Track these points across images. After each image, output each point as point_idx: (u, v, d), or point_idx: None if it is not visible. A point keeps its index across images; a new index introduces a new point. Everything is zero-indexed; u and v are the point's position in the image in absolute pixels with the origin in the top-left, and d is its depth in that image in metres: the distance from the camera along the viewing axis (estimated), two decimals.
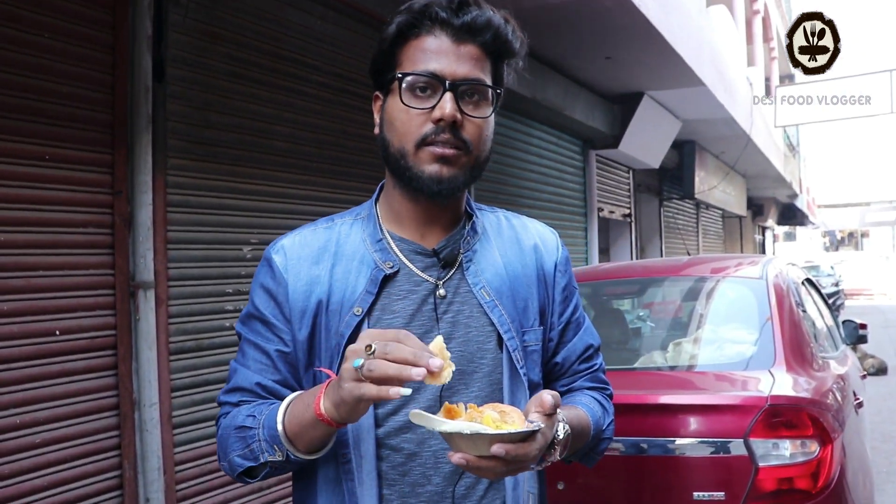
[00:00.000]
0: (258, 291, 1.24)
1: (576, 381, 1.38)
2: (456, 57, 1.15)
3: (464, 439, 0.96)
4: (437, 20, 1.15)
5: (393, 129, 1.18)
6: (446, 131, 1.14)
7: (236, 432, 1.16)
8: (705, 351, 3.06)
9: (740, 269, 3.62)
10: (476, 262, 1.25)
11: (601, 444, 1.34)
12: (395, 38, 1.18)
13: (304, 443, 1.10)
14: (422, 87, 1.15)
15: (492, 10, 1.18)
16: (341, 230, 1.26)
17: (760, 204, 22.30)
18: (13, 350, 2.78)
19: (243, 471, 1.17)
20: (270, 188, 3.95)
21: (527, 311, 1.27)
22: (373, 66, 1.23)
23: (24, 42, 2.83)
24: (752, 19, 15.27)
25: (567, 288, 1.36)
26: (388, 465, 1.17)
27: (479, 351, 1.22)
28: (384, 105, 1.21)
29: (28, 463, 2.79)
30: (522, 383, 1.23)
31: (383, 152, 1.21)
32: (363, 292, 1.19)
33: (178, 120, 3.47)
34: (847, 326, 4.35)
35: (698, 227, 14.98)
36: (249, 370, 1.22)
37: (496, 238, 1.31)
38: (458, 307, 1.22)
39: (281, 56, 4.03)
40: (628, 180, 10.59)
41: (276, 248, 1.26)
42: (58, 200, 2.95)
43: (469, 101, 1.16)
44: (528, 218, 1.41)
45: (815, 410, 2.44)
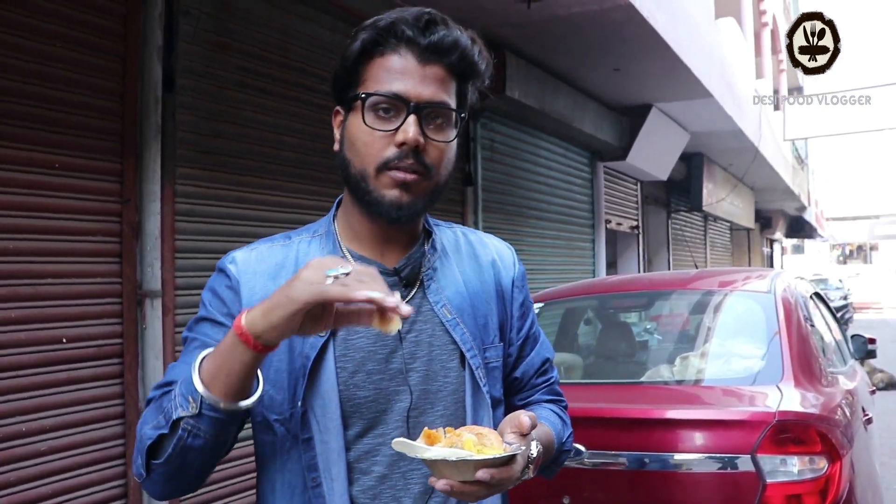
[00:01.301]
0: (210, 297, 1.18)
1: (533, 395, 1.38)
2: (421, 78, 1.12)
3: (448, 466, 0.97)
4: (403, 39, 1.12)
5: (354, 149, 1.14)
6: (409, 156, 1.11)
7: (155, 404, 1.08)
8: (712, 365, 3.04)
9: (748, 282, 3.60)
10: (437, 280, 1.24)
11: (561, 456, 1.35)
12: (359, 54, 1.13)
13: (220, 382, 0.99)
14: (385, 107, 1.12)
15: (459, 29, 1.15)
16: (300, 248, 1.23)
17: (769, 216, 22.24)
18: (20, 357, 2.78)
19: (150, 447, 1.04)
20: (278, 198, 3.96)
21: (487, 328, 1.27)
22: (335, 82, 1.18)
23: (36, 52, 2.86)
24: (761, 31, 15.28)
25: (524, 303, 1.36)
26: (358, 489, 1.15)
27: (442, 370, 1.20)
28: (345, 122, 1.17)
29: (34, 471, 2.79)
30: (485, 400, 1.22)
31: (343, 172, 1.18)
32: None
33: (187, 130, 3.48)
34: (856, 341, 4.32)
35: (706, 240, 14.95)
36: (188, 365, 1.09)
37: (455, 255, 1.30)
38: (420, 326, 1.20)
39: (290, 66, 4.05)
40: (636, 192, 10.58)
41: (230, 258, 1.21)
42: (66, 209, 2.97)
43: (433, 123, 1.13)
44: (485, 233, 1.40)
45: (824, 426, 2.42)
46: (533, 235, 7.38)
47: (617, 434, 2.53)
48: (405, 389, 1.17)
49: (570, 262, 8.28)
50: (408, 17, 1.12)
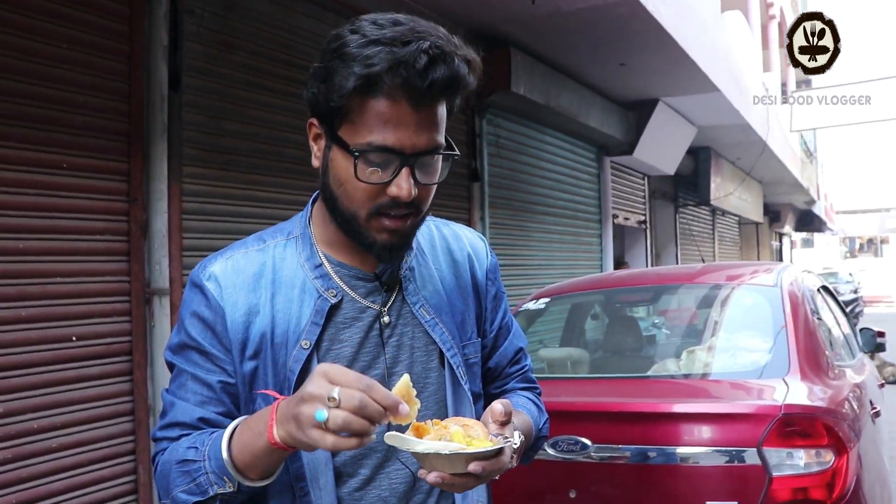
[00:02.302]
0: (191, 320, 1.15)
1: (507, 384, 1.39)
2: (416, 126, 1.05)
3: (440, 459, 0.97)
4: (398, 82, 1.02)
5: (342, 189, 1.10)
6: (401, 206, 1.08)
7: (178, 466, 1.08)
8: (719, 359, 3.04)
9: (755, 276, 3.60)
10: (414, 280, 1.23)
11: (539, 442, 1.36)
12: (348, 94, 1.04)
13: (257, 471, 1.04)
14: (377, 160, 1.06)
15: (456, 54, 1.06)
16: (275, 253, 1.19)
17: (777, 210, 22.15)
18: (31, 355, 2.81)
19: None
20: (284, 196, 3.97)
21: (465, 325, 1.27)
22: (313, 98, 1.10)
23: (42, 53, 2.87)
24: (768, 24, 15.21)
25: (497, 295, 1.36)
26: (345, 491, 1.15)
27: (424, 371, 1.20)
28: (328, 152, 1.11)
29: (45, 467, 2.82)
30: (466, 396, 1.23)
31: (328, 199, 1.14)
32: (309, 323, 1.14)
33: (193, 128, 3.50)
34: (864, 334, 4.30)
35: (714, 234, 14.91)
36: (189, 403, 1.14)
37: (430, 251, 1.29)
38: (401, 329, 1.20)
39: (294, 64, 4.06)
40: (643, 187, 10.56)
41: (207, 273, 1.16)
42: (75, 208, 2.99)
43: (425, 168, 1.09)
44: (458, 224, 1.38)
45: (830, 419, 2.41)
46: (540, 231, 7.37)
47: (623, 428, 2.53)
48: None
49: (578, 257, 8.28)
50: (407, 59, 1.02)
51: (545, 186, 7.47)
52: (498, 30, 5.60)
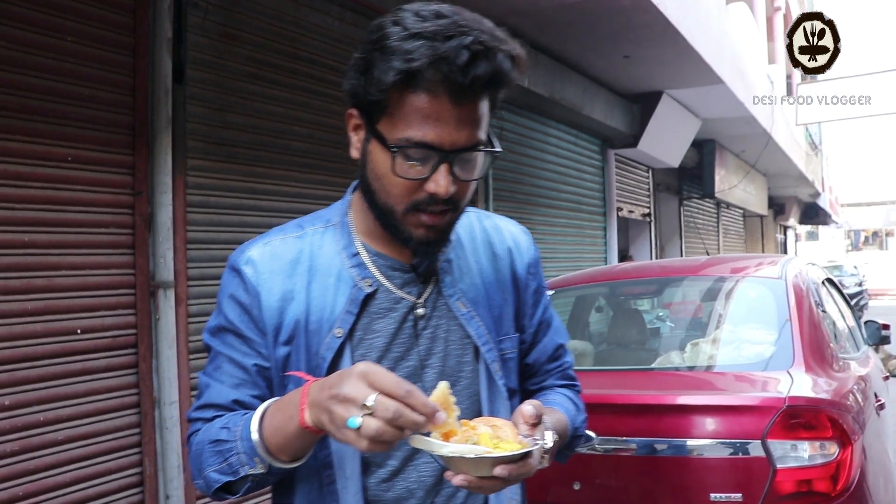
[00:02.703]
0: (229, 303, 1.16)
1: (546, 380, 1.36)
2: (456, 123, 1.03)
3: (466, 462, 0.96)
4: (439, 77, 1.00)
5: (380, 183, 1.09)
6: (438, 202, 1.07)
7: (211, 446, 1.10)
8: (723, 351, 3.04)
9: (759, 269, 3.59)
10: (451, 273, 1.21)
11: (575, 441, 1.33)
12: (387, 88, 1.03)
13: (288, 453, 1.04)
14: (416, 156, 1.04)
15: (499, 51, 1.03)
16: (313, 240, 1.19)
17: (782, 203, 22.09)
18: (36, 348, 2.82)
19: (221, 486, 1.10)
20: (289, 188, 3.97)
21: (502, 319, 1.25)
22: (352, 90, 1.09)
23: (47, 46, 2.88)
24: (773, 16, 15.14)
25: (538, 290, 1.33)
26: (372, 481, 1.15)
27: (458, 364, 1.19)
28: (367, 144, 1.10)
29: (51, 459, 2.83)
30: (501, 393, 1.21)
31: (367, 194, 1.13)
32: (343, 312, 1.14)
33: (197, 121, 3.50)
34: (869, 327, 4.30)
35: (719, 227, 14.88)
36: (224, 385, 1.15)
37: (469, 243, 1.27)
38: (436, 321, 1.18)
39: (298, 57, 4.06)
40: (648, 179, 10.54)
41: (245, 258, 1.17)
42: (79, 201, 2.99)
43: (465, 164, 1.08)
44: (500, 217, 1.36)
45: (835, 412, 2.41)
46: (544, 223, 7.37)
47: (628, 420, 2.54)
48: (420, 387, 1.12)
49: (582, 249, 8.27)
50: (448, 54, 0.99)
51: (549, 179, 7.46)
52: (503, 22, 5.58)
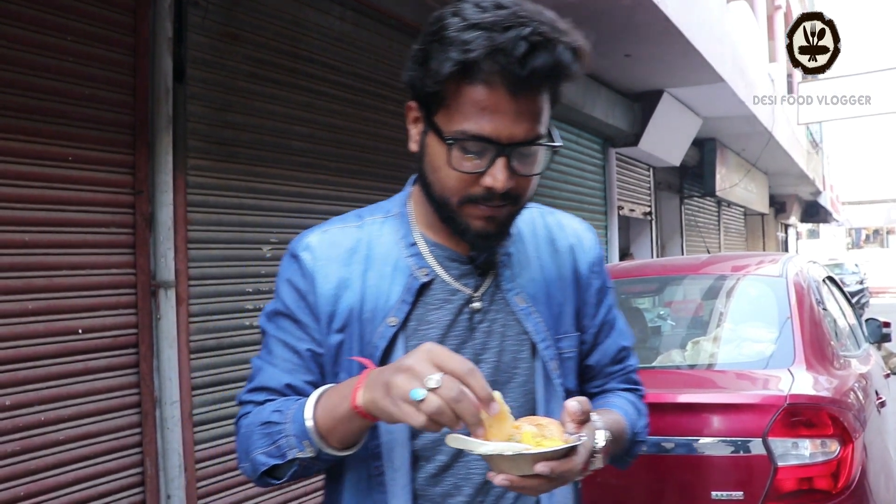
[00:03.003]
0: (286, 288, 1.17)
1: (608, 383, 1.32)
2: (514, 115, 1.01)
3: (506, 460, 0.93)
4: (496, 69, 0.99)
5: (436, 176, 1.08)
6: (496, 197, 1.05)
7: (261, 428, 1.09)
8: (725, 349, 3.05)
9: (760, 267, 3.59)
10: (511, 267, 1.19)
11: (636, 446, 1.29)
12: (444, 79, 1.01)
13: (337, 437, 1.02)
14: (473, 149, 1.03)
15: (560, 43, 1.01)
16: (372, 230, 1.19)
17: (783, 201, 22.07)
18: (37, 348, 2.82)
19: (267, 470, 1.10)
20: (289, 188, 3.97)
21: (562, 317, 1.22)
22: (411, 81, 1.08)
23: (47, 45, 2.88)
24: (774, 15, 15.12)
25: (601, 289, 1.30)
26: (421, 476, 1.13)
27: (513, 360, 1.16)
28: (425, 136, 1.09)
29: (52, 459, 2.83)
30: (558, 393, 1.18)
31: (424, 186, 1.12)
32: (398, 301, 1.13)
33: (197, 120, 3.50)
34: (870, 325, 4.30)
35: (720, 225, 14.87)
36: (277, 369, 1.15)
37: (531, 239, 1.25)
38: (493, 315, 1.16)
39: (299, 56, 4.06)
40: (649, 178, 10.54)
41: (303, 244, 1.19)
42: (80, 201, 2.99)
43: (523, 159, 1.06)
44: (564, 213, 1.34)
45: (836, 409, 2.41)
46: None
47: None
48: None
49: None
50: (505, 46, 0.97)
51: (550, 178, 7.46)
52: None
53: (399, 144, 4.69)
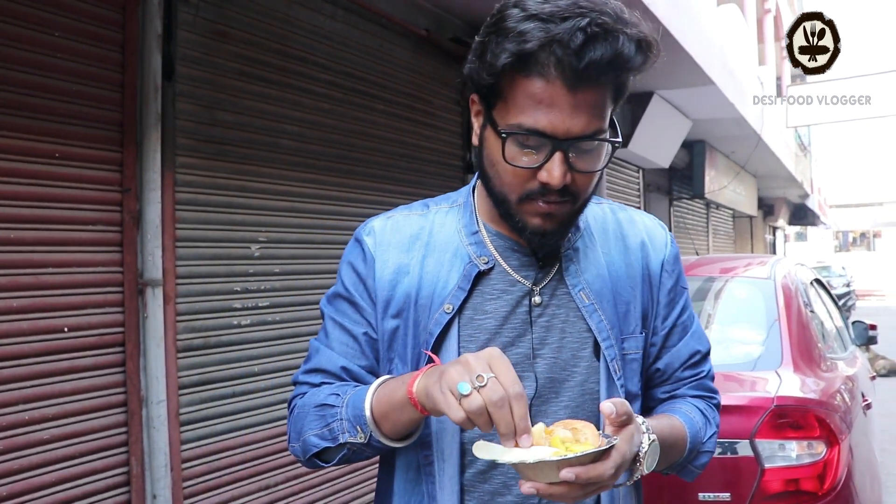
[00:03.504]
0: (347, 271, 1.18)
1: (679, 389, 1.26)
2: (571, 109, 0.98)
3: (529, 468, 0.90)
4: (552, 61, 0.96)
5: (494, 170, 1.06)
6: (553, 192, 1.03)
7: (316, 410, 1.09)
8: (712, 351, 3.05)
9: (749, 269, 3.61)
10: (577, 262, 1.16)
11: (701, 457, 1.24)
12: (499, 71, 0.99)
13: (389, 425, 1.02)
14: (529, 143, 1.01)
15: (622, 34, 0.99)
16: (436, 218, 1.19)
17: (771, 204, 22.20)
18: (22, 346, 2.79)
19: (316, 453, 1.10)
20: (279, 187, 3.96)
21: (628, 316, 1.17)
22: (470, 74, 1.07)
23: (35, 41, 2.85)
24: (764, 18, 15.20)
25: (674, 289, 1.24)
26: (469, 472, 1.11)
27: (573, 358, 1.13)
28: (484, 130, 1.08)
29: (36, 459, 2.81)
30: (619, 394, 1.13)
31: (483, 180, 1.11)
32: (455, 288, 1.12)
33: (187, 118, 3.48)
34: (857, 327, 4.33)
35: (708, 227, 14.93)
36: (334, 352, 1.15)
37: (600, 234, 1.21)
38: (553, 310, 1.13)
39: (290, 55, 4.04)
40: (638, 180, 10.57)
41: (367, 229, 1.19)
42: (67, 198, 2.97)
43: (582, 155, 1.03)
44: (636, 210, 1.30)
45: (822, 411, 2.43)
46: None
47: None
48: (530, 376, 1.11)
49: None
50: (562, 36, 0.95)
51: None
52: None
53: (390, 144, 4.69)
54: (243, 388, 3.69)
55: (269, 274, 3.91)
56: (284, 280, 3.99)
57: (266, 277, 3.89)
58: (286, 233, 3.99)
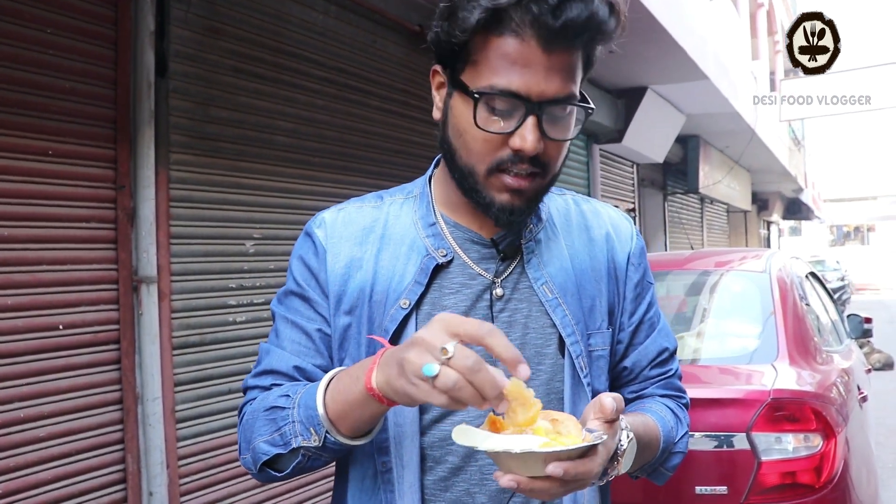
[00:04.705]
0: (298, 266, 1.11)
1: (647, 388, 1.21)
2: (545, 71, 0.95)
3: (513, 458, 0.82)
4: (527, 19, 0.92)
5: (461, 140, 1.01)
6: (524, 160, 0.98)
7: (266, 414, 1.01)
8: (708, 345, 3.06)
9: (744, 262, 3.61)
10: (539, 255, 1.10)
11: (672, 458, 1.19)
12: (472, 28, 0.95)
13: (349, 424, 0.94)
14: (501, 107, 0.96)
15: None
16: (390, 210, 1.13)
17: (765, 198, 22.24)
18: (18, 344, 2.79)
19: (268, 461, 1.02)
20: (272, 183, 3.95)
21: (593, 311, 1.12)
22: (436, 39, 1.02)
23: (27, 38, 2.84)
24: (756, 13, 15.21)
25: (640, 283, 1.20)
26: (430, 479, 1.05)
27: (536, 356, 1.07)
28: (449, 99, 1.03)
29: (33, 456, 2.80)
30: (585, 392, 1.08)
31: (446, 153, 1.06)
32: (412, 282, 1.06)
33: (180, 115, 3.47)
34: (852, 321, 4.34)
35: (703, 222, 14.95)
36: (285, 351, 1.08)
37: (563, 226, 1.16)
38: (515, 305, 1.08)
39: (283, 51, 4.03)
40: (632, 175, 10.57)
41: (318, 221, 1.13)
42: (61, 195, 2.96)
43: (554, 120, 0.99)
44: (600, 202, 1.25)
45: (818, 404, 2.43)
46: None
47: None
48: None
49: None
50: None
51: None
52: None
53: (383, 139, 4.69)
54: (239, 385, 3.68)
55: (264, 270, 3.90)
56: (279, 276, 3.98)
57: (261, 274, 3.89)
58: (281, 229, 3.98)
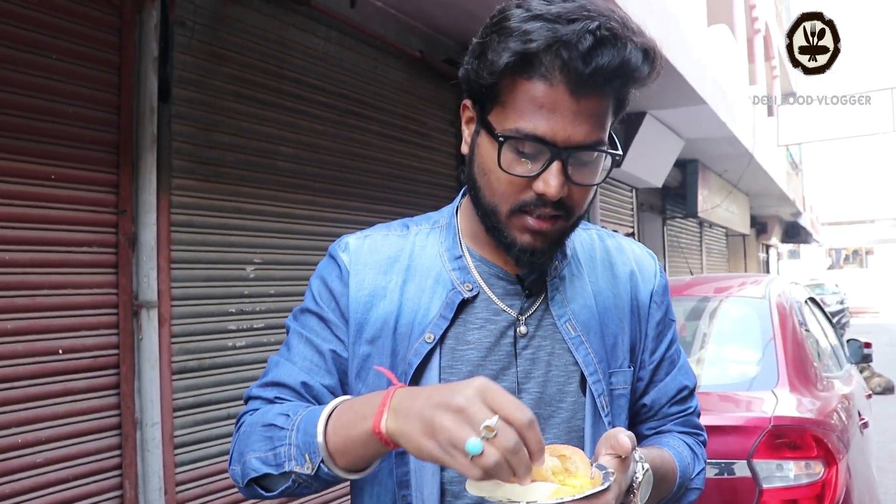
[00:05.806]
0: (319, 286, 1.10)
1: (665, 425, 1.21)
2: (573, 116, 0.92)
3: None
4: (557, 64, 0.90)
5: (485, 179, 0.99)
6: (548, 205, 0.96)
7: (263, 430, 0.98)
8: (708, 371, 3.05)
9: (743, 288, 3.62)
10: (563, 291, 1.09)
11: (689, 494, 1.17)
12: (501, 69, 0.93)
13: (347, 459, 0.90)
14: (526, 150, 0.95)
15: (630, 41, 0.93)
16: (416, 240, 1.11)
17: (764, 222, 22.29)
18: (16, 369, 2.78)
19: (257, 478, 0.99)
20: (274, 208, 3.96)
21: (616, 350, 1.11)
22: (466, 76, 1.01)
23: (32, 63, 2.86)
24: (754, 38, 15.33)
25: (662, 321, 1.19)
26: None
27: (558, 393, 1.07)
28: (477, 136, 1.01)
29: (29, 482, 2.78)
30: (606, 431, 1.03)
31: (471, 189, 1.04)
32: (437, 316, 1.05)
33: (182, 140, 3.49)
34: (851, 345, 4.33)
35: (702, 246, 14.97)
36: (295, 366, 1.06)
37: (587, 262, 1.15)
38: (539, 342, 1.07)
39: (285, 77, 4.06)
40: (631, 199, 10.60)
41: (342, 244, 1.11)
42: (62, 220, 2.97)
43: (581, 165, 0.96)
44: (625, 238, 1.24)
45: (820, 431, 2.42)
46: None
47: None
48: None
49: None
50: (570, 38, 0.89)
51: None
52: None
53: (384, 165, 4.71)
54: (238, 411, 3.67)
55: (265, 295, 3.91)
56: (279, 301, 3.98)
57: (261, 299, 3.89)
58: (281, 254, 3.99)
